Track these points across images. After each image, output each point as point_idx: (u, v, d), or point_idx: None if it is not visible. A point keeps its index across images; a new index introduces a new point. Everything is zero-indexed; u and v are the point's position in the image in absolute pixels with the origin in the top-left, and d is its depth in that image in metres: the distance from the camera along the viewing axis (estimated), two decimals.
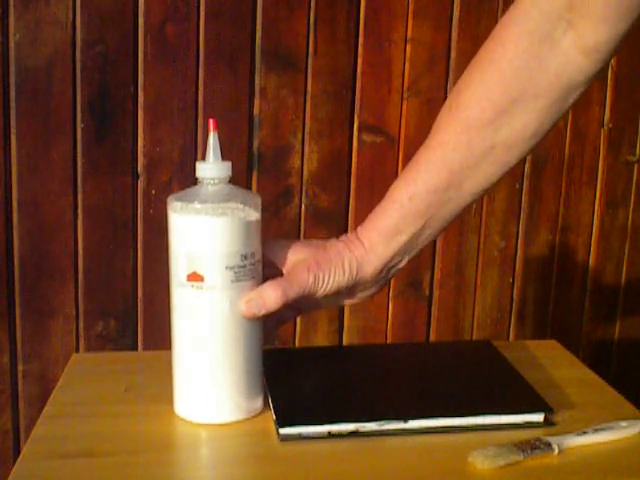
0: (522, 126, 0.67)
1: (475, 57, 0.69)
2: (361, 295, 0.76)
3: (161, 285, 1.27)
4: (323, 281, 0.71)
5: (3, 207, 1.22)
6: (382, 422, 0.71)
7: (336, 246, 0.73)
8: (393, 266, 0.74)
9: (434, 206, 0.71)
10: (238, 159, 1.24)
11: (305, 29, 1.27)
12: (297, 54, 1.27)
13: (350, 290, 0.75)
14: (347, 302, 0.78)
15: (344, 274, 0.72)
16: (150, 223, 1.27)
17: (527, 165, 1.39)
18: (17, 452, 1.28)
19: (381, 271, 0.74)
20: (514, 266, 1.42)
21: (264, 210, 0.74)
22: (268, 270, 0.73)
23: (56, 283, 1.26)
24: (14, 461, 0.67)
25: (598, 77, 0.68)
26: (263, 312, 0.70)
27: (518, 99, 0.66)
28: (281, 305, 0.70)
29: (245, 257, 0.70)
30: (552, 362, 0.89)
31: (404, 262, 0.75)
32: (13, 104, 1.20)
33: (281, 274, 0.74)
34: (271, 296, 0.70)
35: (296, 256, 0.73)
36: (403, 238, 0.72)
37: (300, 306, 0.76)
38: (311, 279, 0.71)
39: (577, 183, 1.42)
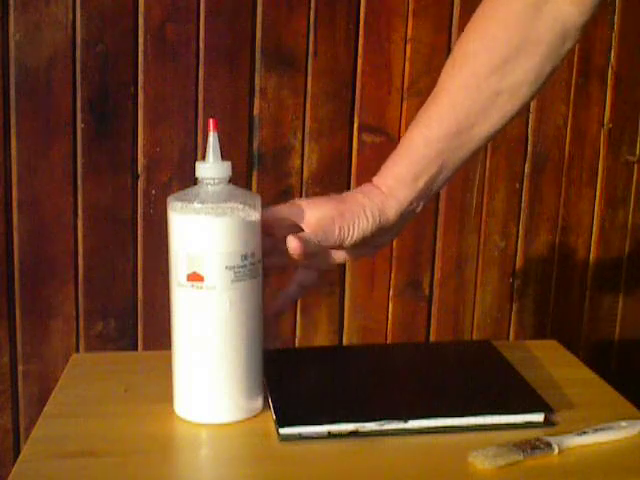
0: (525, 71, 0.72)
1: (477, 13, 0.75)
2: (382, 242, 0.79)
3: (161, 285, 1.27)
4: (349, 231, 0.73)
5: (3, 207, 1.22)
6: (382, 422, 0.71)
7: (355, 197, 0.75)
8: (412, 210, 0.76)
9: (447, 150, 0.74)
10: (238, 159, 1.24)
11: (305, 29, 1.27)
12: (297, 54, 1.27)
13: (373, 238, 0.76)
14: (371, 252, 0.80)
15: (368, 222, 0.74)
16: (150, 223, 1.27)
17: (527, 165, 1.39)
18: (17, 452, 1.28)
19: (402, 215, 0.75)
20: (514, 266, 1.42)
21: (264, 210, 0.74)
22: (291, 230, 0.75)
23: (56, 283, 1.26)
24: (14, 461, 0.67)
25: (586, 28, 0.73)
26: (300, 258, 0.71)
27: (521, 46, 0.71)
28: (308, 256, 0.72)
29: (245, 257, 0.70)
30: (552, 362, 0.89)
31: (421, 206, 0.77)
32: (13, 104, 1.20)
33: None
34: (294, 245, 0.71)
35: (318, 212, 0.75)
36: (420, 183, 0.75)
37: (327, 262, 0.78)
38: (337, 231, 0.73)
39: (577, 183, 1.42)
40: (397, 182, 0.75)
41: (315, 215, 0.75)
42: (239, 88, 1.26)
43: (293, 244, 0.71)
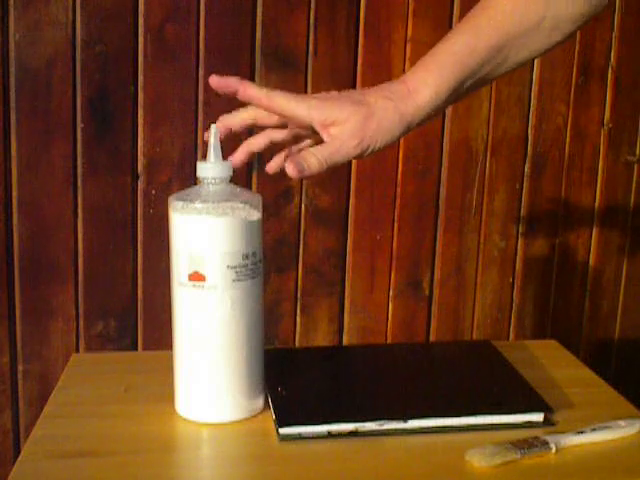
0: (569, 3, 0.71)
1: None
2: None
3: (161, 285, 1.27)
4: (369, 147, 0.70)
5: (3, 207, 1.22)
6: (382, 422, 0.71)
7: (384, 101, 0.70)
8: (427, 118, 0.73)
9: (484, 64, 0.72)
10: None
11: (305, 29, 1.27)
12: (297, 54, 1.27)
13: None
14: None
15: (392, 136, 0.71)
16: (150, 223, 1.27)
17: (527, 165, 1.39)
18: (17, 452, 1.28)
19: (419, 123, 0.72)
20: (514, 266, 1.42)
21: (264, 210, 0.74)
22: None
23: (56, 283, 1.26)
24: (14, 461, 0.67)
25: None
26: (308, 175, 0.69)
27: None
28: (324, 169, 0.69)
29: (246, 256, 0.70)
30: (552, 362, 0.89)
31: (434, 117, 0.74)
32: (13, 104, 1.20)
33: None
34: (313, 162, 0.68)
35: (341, 115, 0.70)
36: (453, 95, 0.72)
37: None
38: (354, 144, 0.69)
39: (577, 183, 1.42)
40: (431, 92, 0.70)
41: (337, 118, 0.70)
42: None
43: (289, 168, 0.68)
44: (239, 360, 0.71)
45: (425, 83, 0.71)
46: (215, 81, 0.72)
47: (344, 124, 0.70)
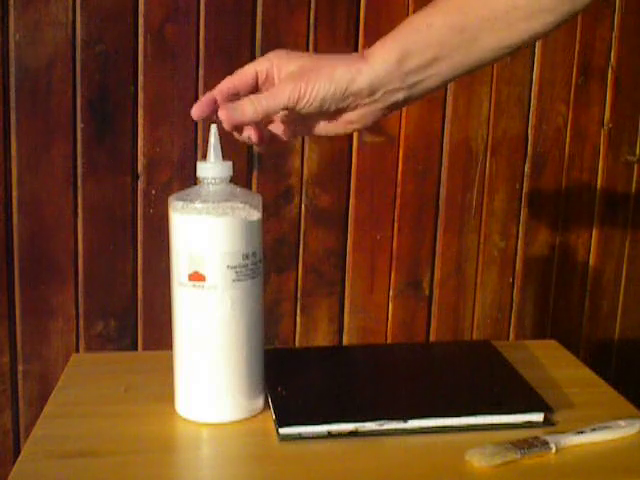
0: None
1: None
2: (352, 121, 0.73)
3: (161, 285, 1.27)
4: (305, 93, 0.68)
5: (3, 207, 1.22)
6: (382, 422, 0.71)
7: (333, 59, 0.71)
8: (390, 91, 0.71)
9: (447, 44, 0.69)
10: (238, 159, 1.24)
11: (305, 29, 1.27)
12: None
13: (340, 112, 0.71)
14: (337, 131, 0.74)
15: (330, 84, 0.69)
16: (150, 223, 1.27)
17: (527, 165, 1.39)
18: (17, 452, 1.28)
19: (374, 91, 0.70)
20: (514, 266, 1.42)
21: (264, 210, 0.74)
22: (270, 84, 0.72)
23: (56, 283, 1.26)
24: (14, 461, 0.67)
25: None
26: (242, 121, 0.68)
27: None
28: (261, 117, 0.68)
29: (246, 256, 0.70)
30: (552, 362, 0.89)
31: (401, 96, 0.71)
32: (13, 104, 1.20)
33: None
34: (248, 108, 0.68)
35: (290, 67, 0.71)
36: (409, 64, 0.70)
37: (293, 126, 0.74)
38: (288, 91, 0.68)
39: (577, 183, 1.42)
40: (385, 52, 0.70)
41: (285, 70, 0.71)
42: None
43: (222, 114, 0.68)
44: (239, 360, 0.71)
45: (375, 47, 0.71)
46: (196, 113, 0.72)
47: (288, 75, 0.70)
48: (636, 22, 1.38)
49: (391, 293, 1.38)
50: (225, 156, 0.73)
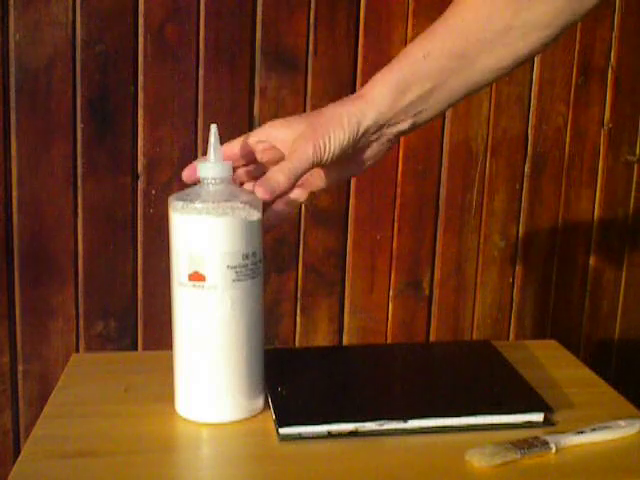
0: (540, 13, 0.69)
1: None
2: (368, 157, 0.75)
3: (161, 285, 1.27)
4: (325, 146, 0.70)
5: (3, 207, 1.22)
6: (382, 422, 0.71)
7: (333, 107, 0.72)
8: (395, 123, 0.73)
9: (446, 71, 0.71)
10: None
11: (305, 29, 1.27)
12: (297, 54, 1.27)
13: (356, 153, 0.73)
14: (356, 171, 0.76)
15: (344, 132, 0.70)
16: (150, 223, 1.27)
17: (527, 165, 1.39)
18: (17, 452, 1.28)
19: (381, 126, 0.72)
20: (514, 266, 1.42)
21: (264, 210, 0.74)
22: (271, 153, 0.73)
23: (56, 283, 1.26)
24: (14, 461, 0.67)
25: None
26: (281, 190, 0.69)
27: None
28: (294, 181, 0.70)
29: (247, 256, 0.70)
30: (552, 362, 0.89)
31: (407, 125, 0.73)
32: (13, 104, 1.20)
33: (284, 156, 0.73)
34: (280, 178, 0.69)
35: (294, 132, 0.72)
36: (409, 96, 0.71)
37: (312, 183, 0.75)
38: (310, 149, 0.70)
39: (577, 183, 1.42)
40: (384, 87, 0.71)
41: (290, 135, 0.72)
42: (239, 88, 1.26)
43: (259, 192, 0.69)
44: (239, 360, 0.71)
45: (374, 83, 0.72)
46: (186, 176, 0.74)
47: (299, 136, 0.71)
48: (636, 22, 1.38)
49: (391, 293, 1.38)
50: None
